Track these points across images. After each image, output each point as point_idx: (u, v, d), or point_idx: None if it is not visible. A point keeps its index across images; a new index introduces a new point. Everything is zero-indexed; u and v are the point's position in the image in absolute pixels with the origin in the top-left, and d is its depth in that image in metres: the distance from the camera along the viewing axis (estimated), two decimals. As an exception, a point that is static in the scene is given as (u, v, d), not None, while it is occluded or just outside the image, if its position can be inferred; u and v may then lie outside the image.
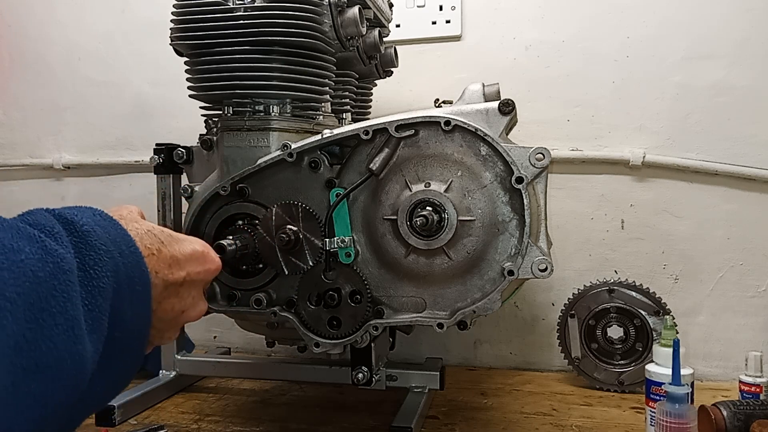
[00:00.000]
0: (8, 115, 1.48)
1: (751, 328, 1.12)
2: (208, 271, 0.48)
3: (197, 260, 0.46)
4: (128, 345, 0.39)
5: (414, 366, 0.97)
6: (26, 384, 0.29)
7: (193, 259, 0.46)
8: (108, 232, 0.38)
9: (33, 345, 0.29)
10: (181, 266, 0.44)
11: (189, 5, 0.78)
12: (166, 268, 0.43)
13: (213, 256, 0.49)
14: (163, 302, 0.43)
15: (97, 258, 0.36)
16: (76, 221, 0.37)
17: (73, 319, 0.32)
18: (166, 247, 0.44)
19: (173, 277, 0.44)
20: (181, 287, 0.45)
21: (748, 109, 1.11)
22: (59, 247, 0.33)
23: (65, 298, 0.32)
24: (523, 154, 0.69)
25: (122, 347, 0.38)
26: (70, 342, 0.32)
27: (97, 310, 0.35)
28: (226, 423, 0.90)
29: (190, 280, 0.45)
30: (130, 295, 0.38)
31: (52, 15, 1.44)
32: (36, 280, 0.30)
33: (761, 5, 1.10)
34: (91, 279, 0.35)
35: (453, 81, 1.21)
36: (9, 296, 0.28)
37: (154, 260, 0.42)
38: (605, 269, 1.16)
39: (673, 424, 0.67)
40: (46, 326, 0.30)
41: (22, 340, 0.29)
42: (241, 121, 0.78)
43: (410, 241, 0.71)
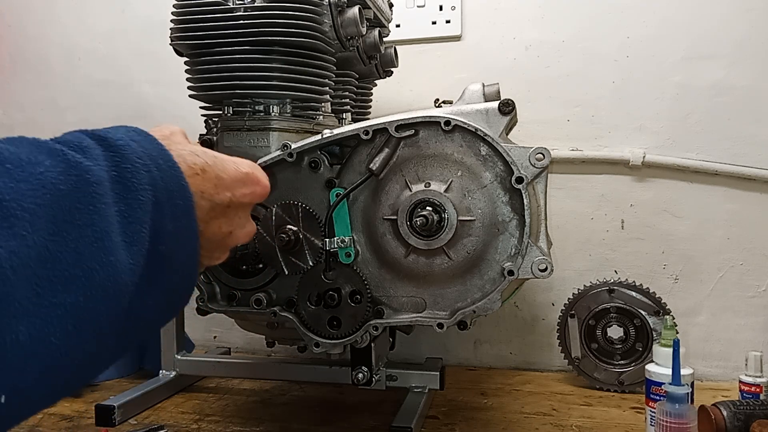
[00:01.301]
0: (8, 115, 1.48)
1: (751, 328, 1.12)
2: (254, 193, 0.46)
3: (243, 182, 0.45)
4: (175, 260, 0.38)
5: (414, 366, 0.97)
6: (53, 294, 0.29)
7: (239, 181, 0.45)
8: (143, 147, 0.37)
9: (57, 256, 0.29)
10: (227, 187, 0.43)
11: (189, 5, 0.78)
12: (212, 188, 0.42)
13: (260, 177, 0.47)
14: (210, 222, 0.42)
15: (134, 170, 0.35)
16: (109, 137, 0.36)
17: (102, 231, 0.31)
18: (211, 168, 0.42)
19: (219, 197, 0.43)
20: (228, 208, 0.44)
21: (748, 109, 1.11)
22: (85, 159, 0.32)
23: (91, 210, 0.31)
24: (523, 154, 0.69)
25: (169, 262, 0.37)
26: (99, 253, 0.31)
27: (137, 222, 0.34)
28: (226, 423, 0.90)
29: (237, 202, 0.44)
30: (171, 210, 0.37)
31: (52, 15, 1.44)
32: (57, 192, 0.30)
33: (761, 5, 1.10)
34: (129, 191, 0.34)
35: (453, 81, 1.21)
36: (27, 207, 0.28)
37: (199, 180, 0.41)
38: (605, 269, 1.16)
39: (673, 424, 0.67)
40: (71, 238, 0.30)
41: (44, 251, 0.28)
42: (241, 121, 0.78)
43: (410, 241, 0.71)
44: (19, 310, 0.27)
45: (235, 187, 0.44)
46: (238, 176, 0.45)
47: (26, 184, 0.28)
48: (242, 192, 0.45)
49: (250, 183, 0.46)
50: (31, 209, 0.28)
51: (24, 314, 0.27)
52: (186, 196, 0.39)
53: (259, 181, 0.47)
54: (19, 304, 0.27)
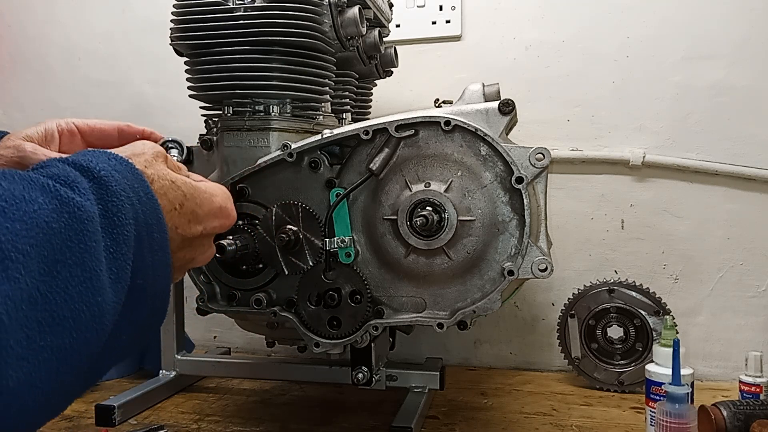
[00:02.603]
0: (8, 115, 1.48)
1: (751, 328, 1.12)
2: (222, 226, 0.48)
3: (216, 216, 0.47)
4: (151, 292, 0.38)
5: (414, 366, 0.97)
6: (42, 337, 0.29)
7: (212, 215, 0.46)
8: (126, 178, 0.37)
9: (48, 298, 0.29)
10: (200, 221, 0.45)
11: (189, 5, 0.78)
12: (186, 223, 0.43)
13: (231, 210, 0.49)
14: (177, 253, 0.43)
15: (120, 204, 0.35)
16: (92, 167, 0.35)
17: (91, 270, 0.32)
18: (188, 202, 0.43)
19: (191, 232, 0.44)
20: (196, 239, 0.45)
21: (748, 109, 1.11)
22: (76, 195, 0.32)
23: (82, 249, 0.31)
24: (523, 154, 0.69)
25: (146, 294, 0.38)
26: (87, 294, 0.31)
27: (122, 258, 0.34)
28: (226, 423, 0.90)
29: (207, 234, 0.46)
30: (149, 242, 0.37)
31: (52, 15, 1.44)
32: (50, 231, 0.29)
33: (761, 5, 1.10)
34: (115, 226, 0.34)
35: (453, 81, 1.21)
36: (21, 248, 0.27)
37: (176, 215, 0.42)
38: (605, 269, 1.16)
39: (673, 424, 0.67)
40: (61, 278, 0.30)
41: (36, 293, 0.28)
42: (241, 121, 0.78)
43: (410, 241, 0.71)
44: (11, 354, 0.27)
45: (207, 220, 0.46)
46: (212, 210, 0.46)
47: (21, 224, 0.28)
48: (213, 225, 0.46)
49: (221, 216, 0.47)
50: (25, 250, 0.28)
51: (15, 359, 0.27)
52: (162, 230, 0.39)
53: (230, 215, 0.49)
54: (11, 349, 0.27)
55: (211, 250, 0.50)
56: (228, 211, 0.48)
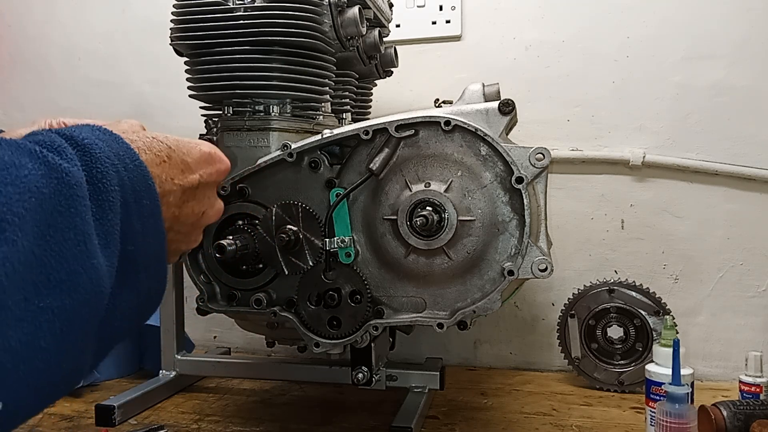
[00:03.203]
0: (8, 115, 1.48)
1: (751, 328, 1.12)
2: (218, 171, 0.48)
3: (206, 161, 0.47)
4: (144, 259, 0.38)
5: (414, 366, 0.97)
6: (40, 298, 0.29)
7: (203, 161, 0.46)
8: (110, 146, 0.37)
9: (43, 260, 0.29)
10: (192, 169, 0.45)
11: (189, 5, 0.78)
12: (179, 173, 0.43)
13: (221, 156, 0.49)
14: (183, 206, 0.44)
15: (104, 170, 0.35)
16: (76, 136, 0.36)
17: (84, 233, 0.32)
18: (175, 153, 0.44)
19: (187, 180, 0.44)
20: (197, 189, 0.45)
21: (748, 109, 1.11)
22: (63, 161, 0.32)
23: (73, 212, 0.31)
24: (523, 154, 0.69)
25: (138, 261, 0.37)
26: (82, 256, 0.31)
27: (108, 224, 0.34)
28: (226, 423, 0.90)
29: (204, 182, 0.46)
30: (138, 209, 0.37)
31: (52, 15, 1.44)
32: (41, 195, 0.30)
33: (761, 5, 1.10)
34: (100, 192, 0.34)
35: (453, 81, 1.21)
36: (16, 211, 0.28)
37: (166, 167, 0.42)
38: (605, 269, 1.16)
39: (673, 424, 0.67)
40: (55, 242, 0.30)
41: (31, 256, 0.28)
42: (241, 121, 0.78)
43: (410, 241, 0.71)
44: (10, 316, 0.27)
45: (200, 167, 0.46)
46: (202, 156, 0.46)
47: (13, 187, 0.28)
48: (208, 171, 0.46)
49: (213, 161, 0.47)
50: (20, 213, 0.28)
51: (15, 320, 0.27)
52: (152, 196, 0.39)
53: (221, 159, 0.49)
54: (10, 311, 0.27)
55: (219, 203, 0.50)
56: (218, 156, 0.48)
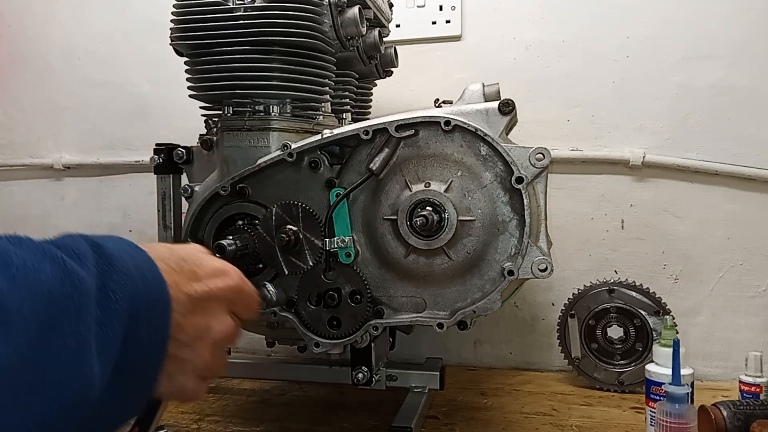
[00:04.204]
0: (8, 115, 1.48)
1: (751, 328, 1.12)
2: (228, 287, 0.48)
3: (217, 275, 0.48)
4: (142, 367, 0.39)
5: (414, 366, 0.97)
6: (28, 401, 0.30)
7: (213, 275, 0.47)
8: (132, 257, 0.40)
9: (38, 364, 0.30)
10: (201, 280, 0.46)
11: (189, 5, 0.78)
12: (187, 282, 0.44)
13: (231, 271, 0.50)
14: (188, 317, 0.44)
15: (119, 281, 0.37)
16: (103, 245, 0.38)
17: (83, 341, 0.33)
18: (187, 263, 0.45)
19: (195, 290, 0.45)
20: (205, 301, 0.46)
21: (748, 109, 1.11)
22: (80, 268, 0.34)
23: (78, 319, 0.33)
24: (523, 154, 0.69)
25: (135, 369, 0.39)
26: (77, 363, 0.33)
27: (111, 333, 0.36)
28: (226, 423, 0.90)
29: (213, 295, 0.46)
30: (146, 318, 0.39)
31: (52, 15, 1.44)
32: (51, 299, 0.31)
33: (761, 5, 1.10)
34: (110, 301, 0.36)
35: (453, 81, 1.21)
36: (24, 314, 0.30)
37: (176, 275, 0.43)
38: (605, 269, 1.16)
39: (673, 424, 0.67)
40: (54, 346, 0.31)
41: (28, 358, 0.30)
42: (241, 121, 0.78)
43: (410, 241, 0.71)
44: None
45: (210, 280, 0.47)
46: (213, 270, 0.47)
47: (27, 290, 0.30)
48: (218, 286, 0.47)
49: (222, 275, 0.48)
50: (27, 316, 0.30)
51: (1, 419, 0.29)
52: (164, 306, 0.41)
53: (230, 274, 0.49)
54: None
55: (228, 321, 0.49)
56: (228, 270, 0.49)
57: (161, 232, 0.90)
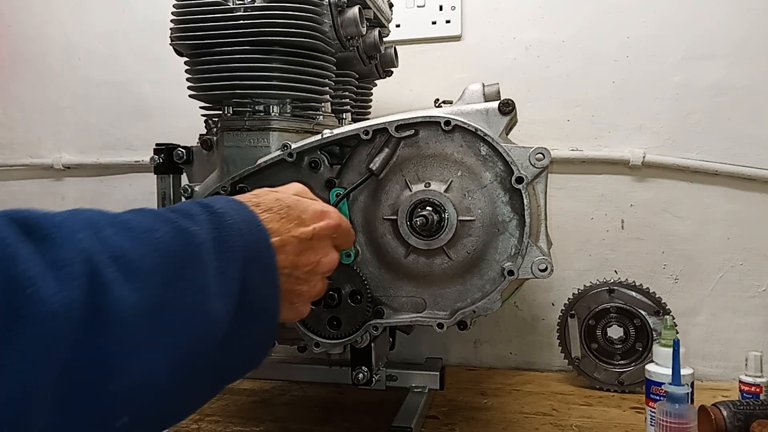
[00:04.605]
0: (8, 115, 1.48)
1: (751, 328, 1.12)
2: (329, 226, 0.54)
3: (319, 217, 0.53)
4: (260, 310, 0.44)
5: (414, 366, 0.97)
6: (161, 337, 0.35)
7: (316, 217, 0.53)
8: (239, 213, 0.45)
9: (167, 305, 0.36)
10: (306, 223, 0.52)
11: (189, 5, 0.78)
12: (296, 227, 0.50)
13: (332, 213, 0.55)
14: (300, 255, 0.50)
15: (231, 233, 0.42)
16: (212, 204, 0.44)
17: (202, 284, 0.39)
18: (293, 210, 0.51)
19: (302, 232, 0.51)
20: (312, 240, 0.52)
21: (748, 109, 1.11)
22: (192, 225, 0.40)
23: (194, 268, 0.38)
24: (523, 154, 0.69)
25: (254, 311, 0.44)
26: (198, 303, 0.38)
27: (229, 277, 0.41)
28: (226, 423, 0.90)
29: (318, 234, 0.52)
30: (258, 266, 0.44)
31: (52, 15, 1.44)
32: (169, 253, 0.37)
33: (761, 5, 1.10)
34: (226, 250, 0.41)
35: (453, 81, 1.21)
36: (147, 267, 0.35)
37: (285, 222, 0.49)
38: (605, 269, 1.16)
39: (673, 424, 0.67)
40: (178, 290, 0.37)
41: (158, 302, 0.35)
42: (241, 121, 0.78)
43: (410, 241, 0.71)
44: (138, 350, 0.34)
45: (313, 221, 0.53)
46: (315, 213, 0.53)
47: (147, 246, 0.36)
48: (320, 225, 0.53)
49: (325, 217, 0.54)
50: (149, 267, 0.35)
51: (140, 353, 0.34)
52: (270, 255, 0.46)
53: (331, 215, 0.55)
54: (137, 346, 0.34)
55: (334, 253, 0.56)
56: (329, 213, 0.55)
57: (161, 232, 0.89)
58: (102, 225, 0.35)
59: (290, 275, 0.49)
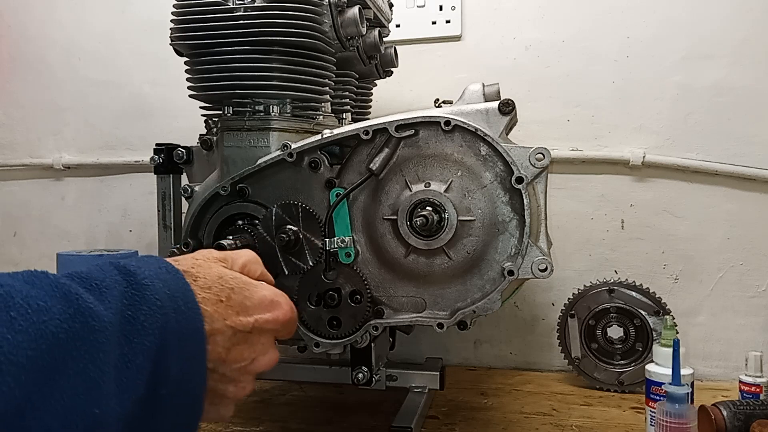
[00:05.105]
0: (8, 115, 1.48)
1: (751, 328, 1.12)
2: (277, 319, 0.46)
3: (266, 308, 0.46)
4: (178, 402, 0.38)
5: (414, 366, 0.97)
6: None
7: (262, 306, 0.45)
8: (168, 286, 0.38)
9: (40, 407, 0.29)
10: (249, 312, 0.44)
11: (189, 5, 0.78)
12: (234, 314, 0.43)
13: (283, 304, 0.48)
14: (232, 349, 0.42)
15: (149, 313, 0.36)
16: (138, 273, 0.37)
17: (93, 381, 0.32)
18: (236, 294, 0.43)
19: (241, 323, 0.43)
20: (251, 334, 0.44)
21: (748, 109, 1.11)
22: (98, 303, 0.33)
23: (87, 359, 0.32)
24: (523, 154, 0.69)
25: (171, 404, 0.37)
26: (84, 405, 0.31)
27: (135, 368, 0.34)
28: (226, 423, 0.90)
29: (259, 327, 0.44)
30: (178, 352, 0.37)
31: (52, 15, 1.44)
32: (55, 341, 0.30)
33: (761, 5, 1.10)
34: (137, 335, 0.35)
35: (453, 81, 1.21)
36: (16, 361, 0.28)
37: (222, 307, 0.42)
38: (605, 269, 1.16)
39: (673, 424, 0.67)
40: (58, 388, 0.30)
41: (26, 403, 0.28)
42: (241, 121, 0.78)
43: (410, 241, 0.71)
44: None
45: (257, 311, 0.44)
46: (262, 302, 0.45)
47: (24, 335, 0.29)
48: (265, 317, 0.45)
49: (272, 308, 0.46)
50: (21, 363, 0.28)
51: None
52: (199, 339, 0.39)
53: (281, 307, 0.47)
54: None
55: (274, 352, 0.47)
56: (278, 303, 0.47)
57: (161, 232, 0.90)
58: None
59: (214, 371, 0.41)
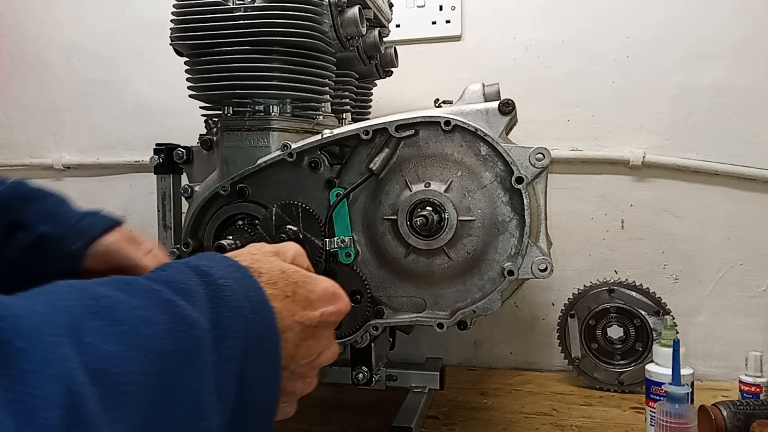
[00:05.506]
0: (8, 115, 1.48)
1: (751, 328, 1.12)
2: (339, 311, 0.46)
3: (329, 300, 0.45)
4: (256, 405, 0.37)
5: (414, 366, 0.97)
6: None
7: (325, 299, 0.44)
8: (242, 285, 0.37)
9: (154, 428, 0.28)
10: (314, 306, 0.43)
11: (189, 5, 0.78)
12: (301, 309, 0.42)
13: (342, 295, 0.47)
14: (301, 345, 0.41)
15: (231, 316, 0.34)
16: (212, 274, 0.36)
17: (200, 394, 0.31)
18: (300, 288, 0.42)
19: (308, 317, 0.42)
20: (317, 328, 0.43)
21: (748, 109, 1.11)
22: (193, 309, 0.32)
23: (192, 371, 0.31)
24: (523, 154, 0.69)
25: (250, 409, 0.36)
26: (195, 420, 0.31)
27: (227, 375, 0.33)
28: (226, 423, 0.90)
29: (324, 321, 0.44)
30: (257, 354, 0.36)
31: (52, 15, 1.44)
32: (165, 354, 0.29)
33: (761, 5, 1.10)
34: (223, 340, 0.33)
35: (453, 81, 1.21)
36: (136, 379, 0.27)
37: (289, 303, 0.41)
38: (605, 269, 1.16)
39: (673, 424, 0.67)
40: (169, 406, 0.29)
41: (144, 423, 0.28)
42: (241, 121, 0.78)
43: (410, 241, 0.71)
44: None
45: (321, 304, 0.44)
46: (325, 294, 0.44)
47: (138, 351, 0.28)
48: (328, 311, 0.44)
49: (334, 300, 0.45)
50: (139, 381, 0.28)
51: None
52: (274, 338, 0.38)
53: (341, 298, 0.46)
54: None
55: (335, 346, 0.46)
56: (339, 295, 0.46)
57: (161, 232, 0.90)
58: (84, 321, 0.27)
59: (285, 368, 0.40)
